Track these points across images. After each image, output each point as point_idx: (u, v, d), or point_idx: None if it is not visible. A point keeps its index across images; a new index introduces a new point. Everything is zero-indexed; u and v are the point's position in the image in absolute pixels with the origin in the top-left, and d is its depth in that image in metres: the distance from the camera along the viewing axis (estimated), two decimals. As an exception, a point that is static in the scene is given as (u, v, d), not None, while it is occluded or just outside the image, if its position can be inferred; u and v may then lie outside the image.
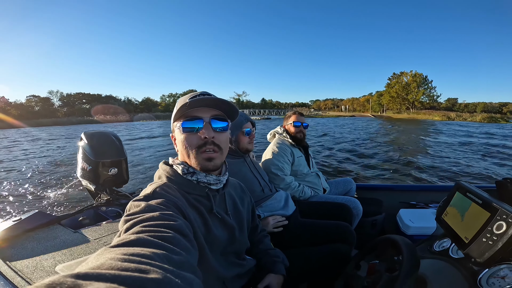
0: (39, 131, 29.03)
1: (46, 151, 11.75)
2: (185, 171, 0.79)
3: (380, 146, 11.47)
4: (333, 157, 8.90)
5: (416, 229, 1.87)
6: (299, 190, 1.94)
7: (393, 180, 5.86)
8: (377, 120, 36.47)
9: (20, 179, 6.53)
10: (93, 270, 0.32)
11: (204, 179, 0.79)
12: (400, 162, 7.72)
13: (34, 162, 9.20)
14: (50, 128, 38.66)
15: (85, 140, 1.85)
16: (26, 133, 26.58)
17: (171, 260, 0.43)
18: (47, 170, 7.47)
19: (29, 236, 1.27)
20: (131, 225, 0.55)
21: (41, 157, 10.32)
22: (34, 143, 16.30)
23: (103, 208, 1.73)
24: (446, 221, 0.99)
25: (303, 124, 2.12)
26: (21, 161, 9.48)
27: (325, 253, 1.25)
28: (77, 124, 49.59)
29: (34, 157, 10.37)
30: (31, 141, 17.73)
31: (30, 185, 5.81)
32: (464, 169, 6.83)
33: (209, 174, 0.80)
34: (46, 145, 14.76)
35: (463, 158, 8.40)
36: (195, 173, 0.79)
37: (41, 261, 1.04)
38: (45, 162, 8.98)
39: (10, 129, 39.83)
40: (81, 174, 1.89)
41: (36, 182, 6.10)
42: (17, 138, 20.25)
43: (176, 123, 0.79)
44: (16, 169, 7.89)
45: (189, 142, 0.77)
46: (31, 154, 11.17)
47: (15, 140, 18.33)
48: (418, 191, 2.46)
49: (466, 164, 7.52)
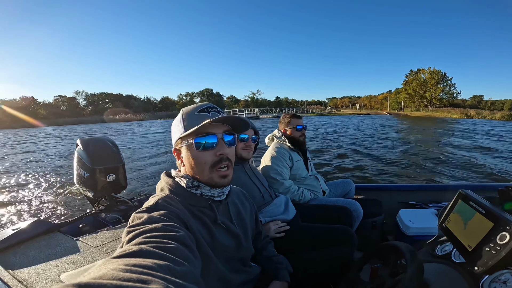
0: (60, 131, 29.78)
1: (46, 157, 11.35)
2: (189, 184, 0.79)
3: (382, 145, 11.42)
4: (332, 157, 8.89)
5: (416, 229, 1.88)
6: (299, 194, 1.94)
7: (392, 180, 5.85)
8: (393, 119, 35.67)
9: (17, 186, 6.42)
10: (95, 280, 0.32)
11: (208, 193, 0.80)
12: (400, 162, 7.74)
13: (32, 168, 9.09)
14: (75, 126, 39.95)
15: (81, 147, 1.85)
16: (47, 132, 27.11)
17: (173, 271, 0.43)
18: (45, 177, 7.38)
19: (29, 245, 1.26)
20: (134, 236, 0.55)
21: (38, 162, 10.16)
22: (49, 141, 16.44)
23: (103, 214, 1.73)
24: (449, 228, 1.00)
25: (305, 127, 2.14)
26: (18, 168, 9.32)
27: (328, 257, 1.26)
28: (101, 122, 51.68)
29: (32, 162, 10.28)
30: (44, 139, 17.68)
31: (28, 193, 5.74)
32: (465, 168, 6.87)
33: (213, 188, 0.81)
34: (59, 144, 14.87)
35: (464, 157, 8.34)
36: (200, 187, 0.79)
37: (44, 270, 1.04)
38: (43, 168, 8.85)
39: (38, 127, 41.46)
40: (78, 181, 1.89)
41: (33, 190, 6.03)
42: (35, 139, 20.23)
43: (187, 139, 0.77)
44: (13, 176, 7.77)
45: (204, 159, 0.76)
46: (30, 159, 11.01)
47: (19, 142, 18.01)
48: (417, 191, 2.48)
49: (467, 163, 7.50)
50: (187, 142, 0.77)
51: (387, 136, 14.03)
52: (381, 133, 16.12)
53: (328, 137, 14.33)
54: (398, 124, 25.29)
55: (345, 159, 8.57)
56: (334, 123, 26.50)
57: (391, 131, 17.58)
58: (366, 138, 14.04)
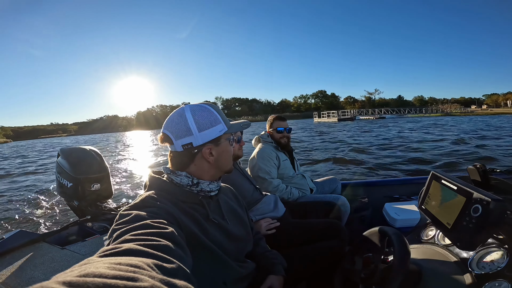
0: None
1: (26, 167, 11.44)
2: (189, 183, 0.81)
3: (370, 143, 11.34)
4: (317, 157, 8.90)
5: (402, 221, 1.93)
6: (287, 192, 1.99)
7: (376, 176, 6.09)
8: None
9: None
10: (78, 278, 0.30)
11: (207, 188, 0.83)
12: (383, 159, 7.88)
13: (16, 178, 9.07)
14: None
15: (62, 157, 1.82)
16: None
17: (162, 268, 0.42)
18: (26, 187, 7.23)
19: (14, 255, 1.23)
20: (120, 234, 0.54)
21: (22, 173, 10.16)
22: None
23: (89, 223, 1.70)
24: (428, 209, 1.03)
25: (286, 129, 2.16)
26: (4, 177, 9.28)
27: (319, 250, 1.28)
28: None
29: (15, 173, 10.25)
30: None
31: (10, 205, 5.55)
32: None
33: (212, 182, 0.85)
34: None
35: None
36: (199, 184, 0.82)
37: (32, 279, 1.03)
38: (26, 178, 8.76)
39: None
40: (60, 191, 1.86)
41: (15, 200, 5.88)
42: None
43: (228, 135, 0.87)
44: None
45: (232, 151, 0.90)
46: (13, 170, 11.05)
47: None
48: (400, 185, 2.58)
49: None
50: (228, 138, 0.87)
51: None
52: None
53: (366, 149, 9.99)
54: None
55: (329, 158, 8.59)
56: (436, 125, 20.86)
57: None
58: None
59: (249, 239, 1.01)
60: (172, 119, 0.82)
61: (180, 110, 0.83)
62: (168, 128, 0.82)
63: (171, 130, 0.81)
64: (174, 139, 0.80)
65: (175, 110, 0.84)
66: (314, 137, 16.79)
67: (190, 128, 0.79)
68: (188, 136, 0.79)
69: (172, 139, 0.81)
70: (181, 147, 0.80)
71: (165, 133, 0.82)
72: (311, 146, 12.04)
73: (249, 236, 1.01)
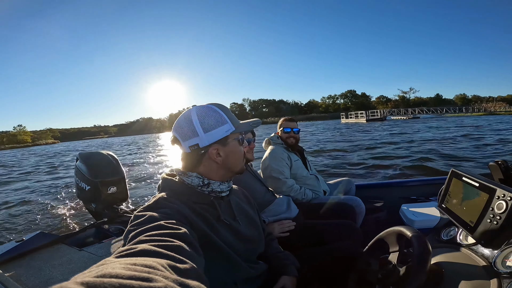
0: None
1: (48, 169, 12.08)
2: (200, 183, 0.81)
3: (385, 144, 11.26)
4: (328, 157, 8.87)
5: (421, 222, 1.86)
6: (301, 193, 1.97)
7: (393, 177, 5.92)
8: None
9: (21, 199, 6.56)
10: (96, 279, 0.32)
11: (217, 188, 0.84)
12: (402, 159, 7.75)
13: (37, 181, 9.47)
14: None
15: (81, 161, 1.90)
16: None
17: (175, 268, 0.43)
18: (48, 190, 7.56)
19: (34, 256, 1.28)
20: (134, 235, 0.56)
21: (42, 175, 10.73)
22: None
23: (106, 226, 1.76)
24: (449, 207, 1.00)
25: (294, 130, 2.17)
26: (22, 182, 9.72)
27: (333, 251, 1.26)
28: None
29: (39, 175, 10.80)
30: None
31: (31, 206, 5.81)
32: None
33: (223, 183, 0.85)
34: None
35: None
36: (210, 184, 0.82)
37: (50, 279, 1.05)
38: (48, 181, 9.11)
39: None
40: (79, 194, 1.95)
41: (37, 202, 6.14)
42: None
43: (236, 135, 0.86)
44: (18, 189, 8.05)
45: (242, 152, 0.89)
46: (36, 172, 11.59)
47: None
48: (417, 186, 2.51)
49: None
50: (237, 138, 0.86)
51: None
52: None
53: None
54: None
55: (344, 159, 8.56)
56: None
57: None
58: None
59: (261, 240, 1.00)
60: (180, 121, 0.83)
61: (187, 112, 0.84)
62: (176, 130, 0.84)
63: (179, 132, 0.82)
64: (182, 140, 0.82)
65: (183, 112, 0.86)
66: (336, 137, 16.76)
67: (195, 130, 0.80)
68: (194, 138, 0.80)
69: (180, 140, 0.82)
70: (188, 149, 0.81)
71: (174, 135, 0.84)
72: (326, 146, 12.08)
73: (260, 237, 1.00)
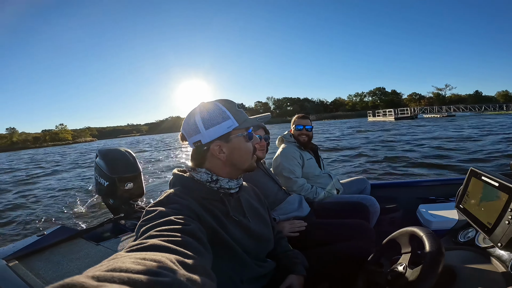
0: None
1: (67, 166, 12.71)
2: (208, 179, 0.82)
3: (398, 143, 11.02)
4: (345, 156, 8.75)
5: (439, 223, 1.78)
6: (313, 192, 1.94)
7: (409, 176, 5.75)
8: None
9: (43, 194, 6.86)
10: (106, 273, 0.33)
11: (226, 185, 0.84)
12: (417, 158, 7.51)
13: (60, 177, 9.92)
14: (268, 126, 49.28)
15: (100, 157, 1.99)
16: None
17: (183, 264, 0.44)
18: (69, 185, 7.90)
19: (53, 250, 1.34)
20: (145, 230, 0.58)
21: (64, 171, 11.30)
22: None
23: (122, 221, 1.82)
24: (466, 208, 0.96)
25: (306, 127, 2.13)
26: (46, 177, 10.23)
27: (344, 251, 1.24)
28: (282, 123, 60.42)
29: (62, 172, 11.29)
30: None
31: (53, 200, 6.08)
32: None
33: (231, 180, 0.85)
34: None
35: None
36: (218, 181, 0.83)
37: (67, 273, 1.10)
38: (69, 176, 9.54)
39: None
40: (98, 190, 2.03)
41: (59, 197, 6.39)
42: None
43: (239, 131, 0.84)
44: (40, 183, 8.50)
45: (250, 148, 0.87)
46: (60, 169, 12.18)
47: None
48: (436, 186, 2.41)
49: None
50: (241, 133, 0.84)
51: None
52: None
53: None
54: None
55: (359, 157, 8.43)
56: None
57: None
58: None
59: (270, 238, 1.00)
60: (186, 118, 0.86)
61: (193, 109, 0.85)
62: (183, 127, 0.86)
63: (185, 129, 0.85)
64: (188, 137, 0.84)
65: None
66: (354, 136, 16.42)
67: (197, 126, 0.81)
68: (197, 134, 0.82)
69: (186, 137, 0.85)
70: (193, 145, 0.84)
71: (182, 132, 0.87)
72: (341, 145, 11.96)
73: (270, 235, 1.00)
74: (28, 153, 38.37)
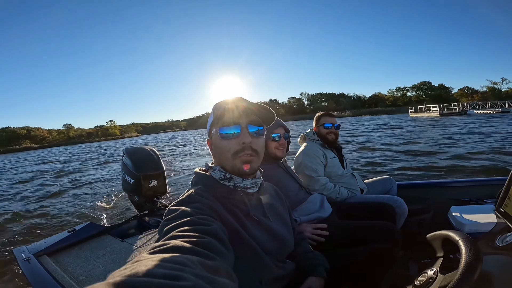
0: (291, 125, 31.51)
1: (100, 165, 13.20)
2: (222, 176, 0.82)
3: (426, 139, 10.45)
4: (369, 155, 8.45)
5: (473, 226, 1.63)
6: (335, 191, 1.89)
7: (440, 176, 5.41)
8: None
9: (74, 191, 7.27)
10: (127, 278, 0.34)
11: (241, 184, 0.83)
12: (448, 156, 7.13)
13: (88, 174, 10.45)
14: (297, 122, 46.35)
15: (127, 156, 2.06)
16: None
17: (205, 265, 0.44)
18: (98, 183, 8.24)
19: (82, 246, 1.41)
20: (168, 231, 0.59)
21: (92, 168, 11.86)
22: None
23: (146, 218, 1.88)
24: (507, 212, 0.90)
25: (334, 125, 2.08)
26: (77, 173, 10.90)
27: (368, 253, 1.19)
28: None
29: (91, 170, 11.78)
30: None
31: (83, 197, 6.41)
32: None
33: (245, 179, 0.84)
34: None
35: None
36: (232, 179, 0.82)
37: (93, 269, 1.15)
38: (98, 175, 9.92)
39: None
40: (124, 187, 2.12)
41: (88, 194, 6.74)
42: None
43: (214, 129, 0.84)
44: (72, 181, 8.95)
45: (228, 147, 0.80)
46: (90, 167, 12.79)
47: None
48: (470, 186, 2.25)
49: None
50: (215, 130, 0.84)
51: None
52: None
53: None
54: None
55: (384, 156, 8.12)
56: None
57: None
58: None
59: (291, 239, 0.98)
60: None
61: None
62: None
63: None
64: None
65: None
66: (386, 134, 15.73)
67: (208, 123, 0.90)
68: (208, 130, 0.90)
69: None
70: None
71: None
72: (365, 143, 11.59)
73: (290, 236, 0.98)
74: (89, 147, 41.33)
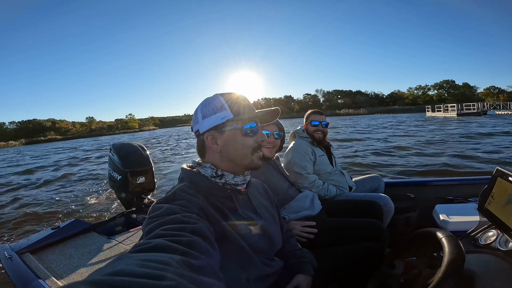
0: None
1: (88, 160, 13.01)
2: (213, 174, 0.81)
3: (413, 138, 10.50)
4: (357, 153, 8.51)
5: (456, 224, 1.70)
6: (324, 189, 1.90)
7: (426, 175, 5.55)
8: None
9: (58, 187, 7.03)
10: (106, 277, 0.33)
11: (232, 181, 0.82)
12: (434, 155, 7.27)
13: (74, 170, 10.17)
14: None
15: (114, 151, 1.99)
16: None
17: (189, 264, 0.43)
18: (84, 179, 8.06)
19: (67, 243, 1.37)
20: (151, 229, 0.57)
21: (77, 163, 11.59)
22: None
23: (134, 215, 1.84)
24: (490, 210, 0.92)
25: (322, 123, 2.08)
26: (58, 169, 10.60)
27: (355, 252, 1.21)
28: (332, 116, 62.79)
29: (76, 165, 11.51)
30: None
31: (68, 194, 6.20)
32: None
33: (237, 176, 0.83)
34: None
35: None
36: (224, 176, 0.81)
37: (78, 267, 1.11)
38: (84, 171, 9.71)
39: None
40: (111, 184, 2.07)
41: (73, 191, 6.53)
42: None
43: (232, 124, 0.80)
44: (55, 178, 8.61)
45: (248, 144, 0.82)
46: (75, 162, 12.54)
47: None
48: (455, 185, 2.31)
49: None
50: (236, 126, 0.81)
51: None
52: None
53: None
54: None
55: (373, 154, 8.22)
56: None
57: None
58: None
59: (279, 237, 0.97)
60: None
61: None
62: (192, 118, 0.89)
63: (193, 120, 0.88)
64: (193, 127, 0.87)
65: None
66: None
67: (197, 116, 0.84)
68: (196, 124, 0.85)
69: (193, 127, 0.88)
70: (194, 134, 0.87)
71: (191, 123, 0.90)
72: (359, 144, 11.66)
73: (278, 234, 0.97)
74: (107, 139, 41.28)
